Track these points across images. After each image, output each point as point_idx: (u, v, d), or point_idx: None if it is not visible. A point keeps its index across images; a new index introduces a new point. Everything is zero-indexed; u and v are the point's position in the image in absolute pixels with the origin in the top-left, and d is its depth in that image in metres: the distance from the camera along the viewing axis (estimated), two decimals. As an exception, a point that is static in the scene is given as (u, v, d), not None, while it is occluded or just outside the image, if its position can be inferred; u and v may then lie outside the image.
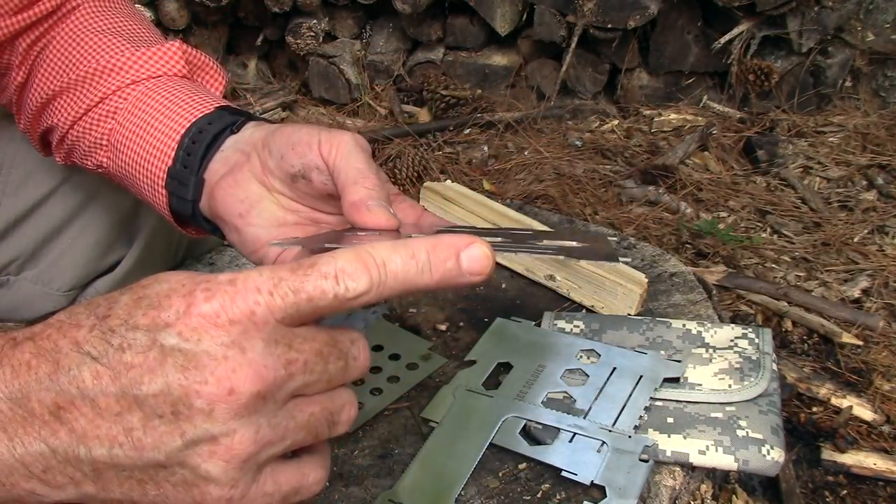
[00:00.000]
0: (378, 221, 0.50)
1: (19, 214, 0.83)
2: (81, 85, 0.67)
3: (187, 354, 0.35)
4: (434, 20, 2.65)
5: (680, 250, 1.89)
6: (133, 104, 0.65)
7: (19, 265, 0.84)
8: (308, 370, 0.37)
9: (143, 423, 0.35)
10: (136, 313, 0.36)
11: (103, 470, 0.36)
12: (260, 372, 0.35)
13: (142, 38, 0.70)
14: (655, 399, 0.68)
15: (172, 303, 0.36)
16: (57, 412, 0.35)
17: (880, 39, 2.55)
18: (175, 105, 0.63)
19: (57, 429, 0.35)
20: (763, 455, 0.63)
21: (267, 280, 0.36)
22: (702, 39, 2.54)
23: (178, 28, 2.64)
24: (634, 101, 2.64)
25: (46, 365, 0.36)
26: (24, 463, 0.36)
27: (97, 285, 0.87)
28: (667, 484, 0.62)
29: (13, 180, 0.82)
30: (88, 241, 0.85)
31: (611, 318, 0.78)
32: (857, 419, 1.43)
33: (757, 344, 0.73)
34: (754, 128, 2.47)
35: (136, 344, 0.35)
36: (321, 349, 0.38)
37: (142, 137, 0.63)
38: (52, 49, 0.70)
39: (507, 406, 0.68)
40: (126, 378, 0.35)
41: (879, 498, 1.31)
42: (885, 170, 2.29)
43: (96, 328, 0.36)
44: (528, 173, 2.22)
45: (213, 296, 0.36)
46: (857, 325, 1.64)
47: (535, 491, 0.61)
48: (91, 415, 0.35)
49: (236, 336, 0.35)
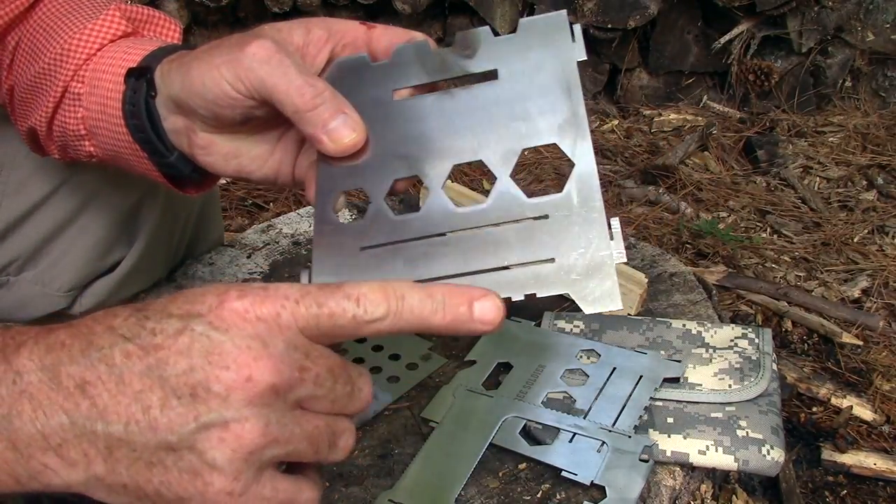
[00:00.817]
0: (342, 147, 0.50)
1: (20, 215, 0.83)
2: (44, 79, 0.66)
3: (214, 341, 0.37)
4: (434, 20, 2.65)
5: (680, 250, 1.89)
6: (89, 84, 0.64)
7: (19, 266, 0.84)
8: (318, 383, 0.39)
9: (161, 402, 0.36)
10: (172, 306, 0.38)
11: (116, 448, 0.37)
12: (278, 366, 0.37)
13: (88, 10, 0.67)
14: (655, 399, 0.68)
15: (206, 298, 0.38)
16: (83, 385, 0.37)
17: (880, 39, 2.55)
18: (115, 69, 0.61)
19: (80, 401, 0.37)
20: (763, 455, 0.63)
21: (296, 291, 0.39)
22: (702, 39, 2.54)
23: (178, 28, 2.64)
24: (634, 101, 2.64)
25: (80, 343, 0.38)
26: (44, 434, 0.37)
27: (97, 285, 0.86)
28: (667, 484, 0.62)
29: (14, 181, 0.82)
30: (88, 242, 0.85)
31: (611, 318, 0.78)
32: (857, 419, 1.43)
33: (757, 344, 0.73)
34: (754, 128, 2.47)
35: (168, 329, 0.37)
36: (333, 368, 0.40)
37: (105, 114, 0.62)
38: (22, 45, 0.69)
39: (507, 406, 0.68)
40: (153, 357, 0.37)
41: (879, 498, 1.31)
42: (885, 170, 2.29)
43: (132, 316, 0.38)
44: (528, 173, 2.22)
45: (245, 295, 0.38)
46: (857, 325, 1.64)
47: (535, 491, 0.61)
48: (115, 390, 0.37)
49: (261, 331, 0.37)
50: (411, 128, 0.52)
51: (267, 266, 0.89)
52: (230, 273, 0.87)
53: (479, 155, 0.51)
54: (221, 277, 0.87)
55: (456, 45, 0.53)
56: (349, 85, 0.53)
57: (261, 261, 0.90)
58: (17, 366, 0.37)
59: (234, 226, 1.90)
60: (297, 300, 0.39)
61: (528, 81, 0.51)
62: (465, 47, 0.52)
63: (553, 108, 0.50)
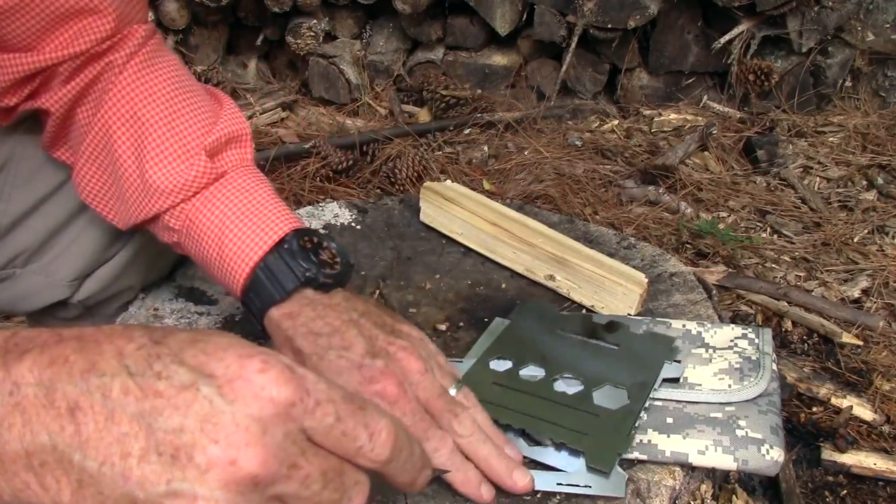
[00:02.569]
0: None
1: (28, 208, 0.83)
2: (123, 185, 0.71)
3: (215, 409, 0.35)
4: (434, 20, 2.65)
5: (680, 250, 1.89)
6: (187, 234, 0.70)
7: (26, 258, 0.85)
8: (306, 485, 0.37)
9: (141, 453, 0.35)
10: (188, 352, 0.37)
11: (86, 484, 0.36)
12: (267, 458, 0.35)
13: (175, 132, 0.70)
14: (655, 399, 0.68)
15: (226, 357, 0.37)
16: (73, 410, 0.36)
17: (880, 39, 2.55)
18: (231, 248, 0.67)
19: (66, 425, 0.36)
20: (763, 455, 0.63)
21: (321, 390, 0.38)
22: (702, 39, 2.54)
23: (178, 28, 2.64)
24: (634, 101, 2.64)
25: (83, 362, 0.36)
26: (28, 452, 0.36)
27: (98, 273, 0.87)
28: (667, 484, 0.62)
29: (21, 173, 0.82)
30: (95, 233, 0.85)
31: (611, 317, 0.78)
32: (857, 419, 1.43)
33: (757, 344, 0.73)
34: (754, 128, 2.47)
35: (175, 378, 0.36)
36: (327, 472, 0.38)
37: (218, 271, 0.68)
38: (97, 124, 0.72)
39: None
40: (150, 404, 0.35)
41: (879, 498, 1.31)
42: (885, 170, 2.29)
43: (144, 348, 0.37)
44: (528, 173, 2.22)
45: (268, 369, 0.37)
46: (857, 325, 1.64)
47: (535, 491, 0.61)
48: (102, 425, 0.35)
49: (266, 415, 0.36)
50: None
51: (267, 266, 0.89)
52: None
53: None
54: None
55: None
56: None
57: (261, 261, 0.90)
58: (15, 376, 0.36)
59: (234, 226, 1.90)
60: (318, 402, 0.37)
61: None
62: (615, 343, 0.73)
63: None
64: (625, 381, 0.68)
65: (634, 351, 0.72)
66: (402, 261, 0.91)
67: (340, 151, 2.23)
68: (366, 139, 2.34)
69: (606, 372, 0.69)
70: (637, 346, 0.73)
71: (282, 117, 2.59)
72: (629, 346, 0.73)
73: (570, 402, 0.67)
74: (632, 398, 0.66)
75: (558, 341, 0.75)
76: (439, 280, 0.87)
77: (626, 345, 0.74)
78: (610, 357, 0.72)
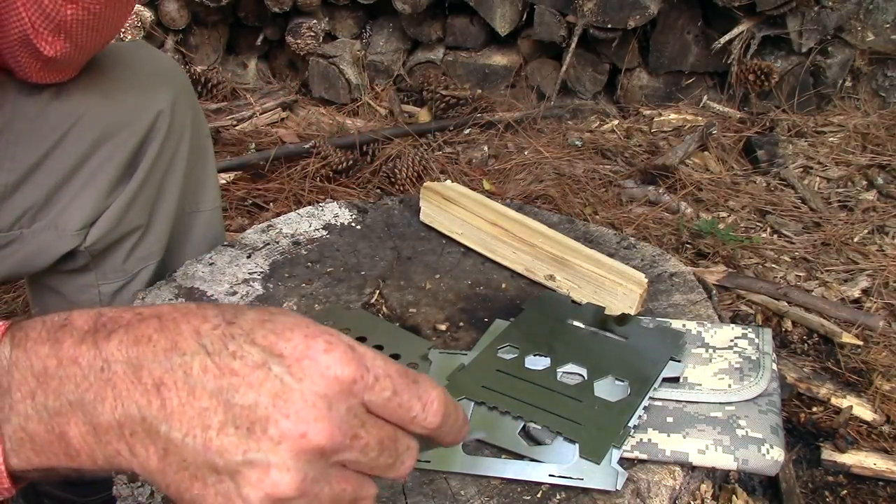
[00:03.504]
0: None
1: (32, 163, 0.84)
2: None
3: (286, 386, 0.39)
4: (434, 20, 2.65)
5: (680, 250, 1.89)
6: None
7: (32, 215, 0.85)
8: (364, 452, 0.41)
9: (220, 425, 0.39)
10: (258, 332, 0.40)
11: (170, 452, 0.39)
12: (333, 431, 0.39)
13: None
14: (655, 399, 0.68)
15: (293, 337, 0.40)
16: (159, 386, 0.39)
17: (880, 39, 2.55)
18: None
19: (153, 400, 0.39)
20: (762, 454, 0.63)
21: (379, 366, 0.41)
22: (702, 39, 2.54)
23: (179, 28, 2.64)
24: (634, 101, 2.64)
25: (165, 342, 0.40)
26: (120, 423, 0.39)
27: (103, 217, 0.88)
28: (667, 484, 0.62)
29: (22, 130, 0.83)
30: (99, 182, 0.87)
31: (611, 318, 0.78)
32: (857, 419, 1.43)
33: (757, 344, 0.73)
34: (754, 128, 2.47)
35: (248, 357, 0.39)
36: (383, 440, 0.42)
37: None
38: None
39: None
40: (227, 381, 0.39)
41: (879, 498, 1.31)
42: (885, 170, 2.29)
43: (220, 328, 0.40)
44: (528, 173, 2.22)
45: (333, 349, 0.40)
46: (857, 325, 1.64)
47: (535, 491, 0.61)
48: (185, 399, 0.39)
49: (332, 392, 0.39)
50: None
51: (267, 266, 0.89)
52: (230, 273, 0.87)
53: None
54: (221, 277, 0.87)
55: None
56: None
57: (261, 261, 0.90)
58: (106, 353, 0.40)
59: (234, 226, 1.90)
60: (378, 377, 0.41)
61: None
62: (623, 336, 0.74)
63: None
64: (628, 375, 0.68)
65: (642, 345, 0.73)
66: (402, 261, 0.91)
67: (340, 151, 2.23)
68: (366, 139, 2.34)
69: (611, 364, 0.70)
70: (646, 339, 0.74)
71: (282, 117, 2.59)
72: (637, 340, 0.74)
73: (571, 393, 0.67)
74: (632, 392, 0.67)
75: (568, 332, 0.76)
76: (439, 280, 0.87)
77: (635, 338, 0.74)
78: (617, 350, 0.73)
